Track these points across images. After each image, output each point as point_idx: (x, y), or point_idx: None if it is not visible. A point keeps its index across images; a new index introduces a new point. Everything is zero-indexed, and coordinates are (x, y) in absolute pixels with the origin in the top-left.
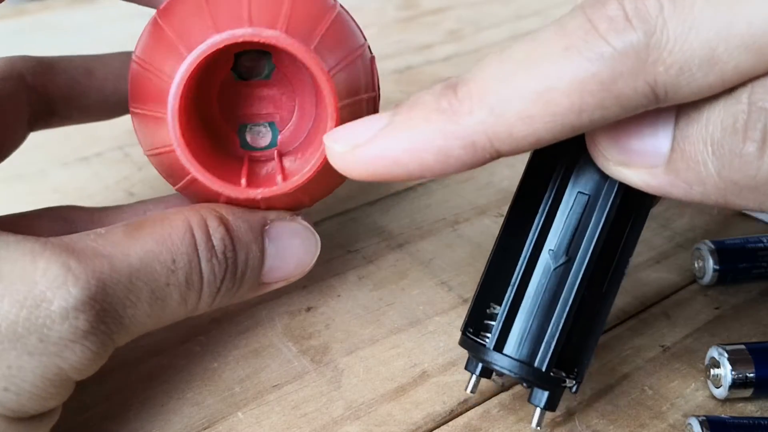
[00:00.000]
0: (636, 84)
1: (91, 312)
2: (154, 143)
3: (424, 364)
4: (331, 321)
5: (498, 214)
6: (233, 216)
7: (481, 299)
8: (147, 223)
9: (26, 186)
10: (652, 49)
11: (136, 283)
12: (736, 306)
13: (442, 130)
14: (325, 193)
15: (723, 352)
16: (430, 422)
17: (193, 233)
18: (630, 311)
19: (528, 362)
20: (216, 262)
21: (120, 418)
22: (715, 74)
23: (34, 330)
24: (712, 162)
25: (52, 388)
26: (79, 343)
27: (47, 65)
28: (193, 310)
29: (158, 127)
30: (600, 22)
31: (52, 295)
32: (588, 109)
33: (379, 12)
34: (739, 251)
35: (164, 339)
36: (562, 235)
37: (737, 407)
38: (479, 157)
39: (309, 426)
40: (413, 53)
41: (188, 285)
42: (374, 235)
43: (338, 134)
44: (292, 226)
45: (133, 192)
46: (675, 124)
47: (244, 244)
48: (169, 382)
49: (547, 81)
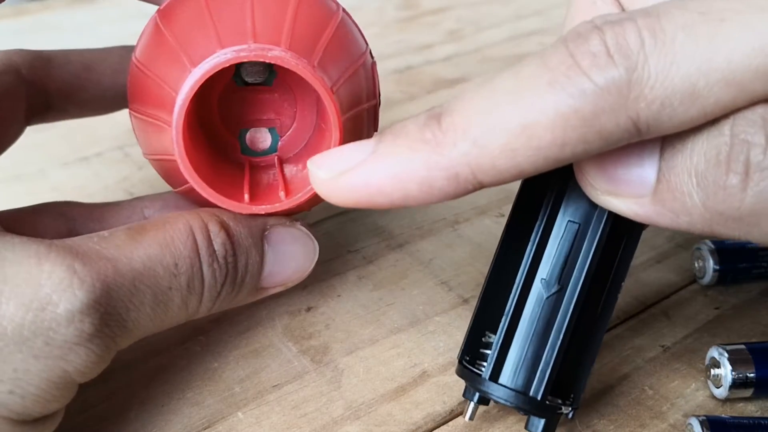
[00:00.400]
0: (618, 119)
1: (96, 315)
2: (154, 149)
3: (424, 364)
4: (331, 321)
5: (498, 214)
6: (234, 221)
7: (476, 328)
8: (150, 226)
9: (26, 186)
10: (633, 84)
11: (140, 287)
12: (736, 306)
13: (426, 161)
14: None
15: (723, 352)
16: (430, 422)
17: (194, 237)
18: (630, 311)
19: (523, 391)
20: (217, 267)
21: (120, 418)
22: (697, 108)
23: (39, 333)
24: (697, 193)
25: (56, 391)
26: (83, 346)
27: (44, 59)
28: (193, 314)
29: (159, 135)
30: (582, 57)
31: (58, 298)
32: (570, 143)
33: (379, 12)
34: (739, 251)
35: (164, 339)
36: (553, 263)
37: (737, 407)
38: (462, 188)
39: (309, 426)
40: (413, 53)
41: (190, 289)
42: (374, 235)
43: (322, 161)
44: (292, 232)
45: (133, 192)
46: (660, 154)
47: (244, 249)
48: (169, 382)
49: (530, 115)
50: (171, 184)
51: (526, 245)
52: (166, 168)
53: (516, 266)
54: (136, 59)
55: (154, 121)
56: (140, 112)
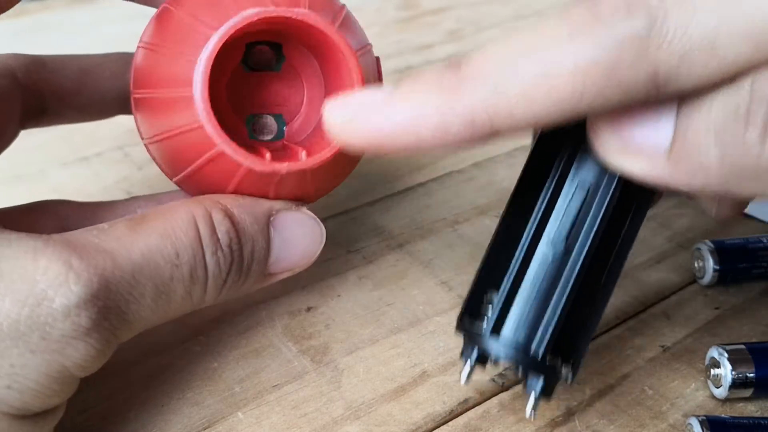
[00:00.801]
0: (637, 73)
1: (93, 309)
2: (166, 126)
3: (424, 364)
4: (331, 321)
5: (498, 214)
6: (238, 208)
7: (479, 286)
8: (150, 216)
9: (26, 186)
10: (653, 38)
11: (140, 279)
12: (736, 306)
13: (443, 106)
14: (332, 183)
15: (723, 352)
16: (430, 422)
17: (197, 226)
18: (630, 311)
19: (524, 348)
20: (221, 255)
21: (120, 418)
22: (716, 64)
23: (36, 328)
24: (715, 149)
25: (56, 386)
26: (81, 340)
27: (40, 63)
28: (198, 303)
29: (174, 109)
30: (603, 9)
31: (54, 293)
32: (588, 95)
33: (379, 12)
34: (739, 251)
35: (164, 339)
36: (561, 224)
37: (737, 407)
38: (477, 135)
39: (309, 426)
40: (413, 53)
41: (193, 279)
42: (374, 235)
43: (338, 104)
44: (298, 216)
45: (132, 192)
46: (677, 112)
47: (250, 236)
48: (169, 382)
49: (550, 65)
50: (179, 167)
51: (534, 204)
52: (178, 146)
53: (523, 225)
54: (144, 42)
55: (167, 96)
56: (149, 92)
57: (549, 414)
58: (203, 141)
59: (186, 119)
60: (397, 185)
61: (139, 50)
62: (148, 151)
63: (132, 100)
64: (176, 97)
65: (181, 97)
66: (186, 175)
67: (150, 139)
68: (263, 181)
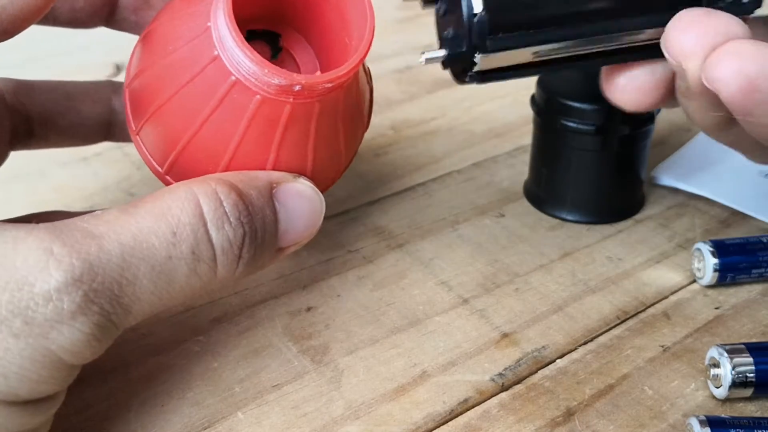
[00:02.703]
0: None
1: (76, 293)
2: (179, 77)
3: (424, 364)
4: (331, 321)
5: (498, 214)
6: (242, 182)
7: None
8: (145, 199)
9: (26, 186)
10: None
11: (131, 260)
12: (736, 306)
13: None
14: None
15: (723, 352)
16: (430, 422)
17: (198, 203)
18: (630, 311)
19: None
20: (230, 229)
21: (120, 418)
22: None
23: (18, 312)
24: None
25: (44, 371)
26: (66, 324)
27: (28, 86)
28: (210, 281)
29: (194, 48)
30: None
31: (34, 278)
32: None
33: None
34: (739, 251)
35: (164, 339)
36: None
37: (737, 407)
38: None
39: (309, 426)
40: (413, 53)
41: (196, 256)
42: (374, 235)
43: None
44: (298, 187)
45: (132, 192)
46: None
47: (259, 208)
48: (169, 382)
49: None
50: (179, 132)
51: None
52: (188, 95)
53: None
54: (148, 30)
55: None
56: (167, 51)
57: (549, 414)
58: (219, 73)
59: (205, 51)
60: (397, 185)
61: (143, 37)
62: (138, 142)
63: (128, 88)
64: (193, 38)
65: (200, 32)
66: (191, 135)
67: (154, 110)
68: (274, 110)
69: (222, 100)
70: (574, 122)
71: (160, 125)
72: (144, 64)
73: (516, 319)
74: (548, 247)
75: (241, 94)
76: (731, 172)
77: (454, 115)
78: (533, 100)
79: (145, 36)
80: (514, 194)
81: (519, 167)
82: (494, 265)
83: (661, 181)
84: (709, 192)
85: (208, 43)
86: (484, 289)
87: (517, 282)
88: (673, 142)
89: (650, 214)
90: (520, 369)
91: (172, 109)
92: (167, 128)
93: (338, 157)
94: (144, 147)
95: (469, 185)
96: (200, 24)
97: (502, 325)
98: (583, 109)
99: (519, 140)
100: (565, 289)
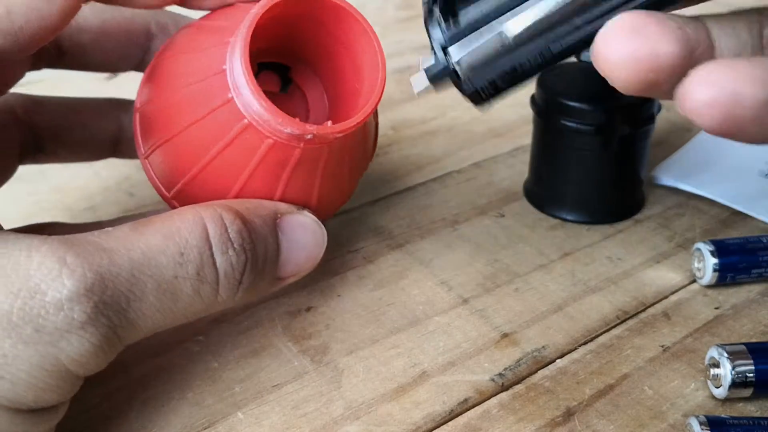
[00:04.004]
0: None
1: (87, 303)
2: (194, 112)
3: (424, 364)
4: (331, 321)
5: (498, 214)
6: (247, 211)
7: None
8: (155, 219)
9: (26, 186)
10: None
11: (139, 276)
12: (736, 306)
13: None
14: (338, 191)
15: (723, 352)
16: (430, 422)
17: (205, 227)
18: (630, 311)
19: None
20: (233, 254)
21: (120, 418)
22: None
23: (29, 320)
24: None
25: (51, 380)
26: (75, 333)
27: (37, 102)
28: (211, 304)
29: (209, 87)
30: None
31: (47, 287)
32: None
33: (379, 12)
34: (739, 251)
35: (164, 339)
36: None
37: (737, 407)
38: None
39: (309, 426)
40: (413, 53)
41: (200, 278)
42: (374, 235)
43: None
44: (302, 220)
45: (133, 192)
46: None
47: (262, 236)
48: (169, 382)
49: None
50: (189, 163)
51: None
52: (209, 126)
53: None
54: (163, 57)
55: (201, 81)
56: (182, 86)
57: (549, 414)
58: (232, 115)
59: (222, 91)
60: (397, 185)
61: (158, 61)
62: (146, 166)
63: (138, 111)
64: (210, 78)
65: (216, 73)
66: (200, 168)
67: (164, 139)
68: (284, 153)
69: (233, 140)
70: (574, 122)
71: (170, 155)
72: (157, 91)
73: (516, 319)
74: (548, 247)
75: (253, 136)
76: (731, 172)
77: (454, 115)
78: (533, 100)
79: (159, 62)
80: (514, 194)
81: (519, 167)
82: (494, 265)
83: (661, 181)
84: (709, 192)
85: (223, 84)
86: (484, 289)
87: (517, 282)
88: (673, 142)
89: (650, 214)
90: (520, 369)
91: (183, 141)
92: (177, 158)
93: (342, 190)
94: (152, 171)
95: (469, 185)
96: (216, 63)
97: (502, 325)
98: (583, 109)
99: (519, 140)
100: (565, 289)
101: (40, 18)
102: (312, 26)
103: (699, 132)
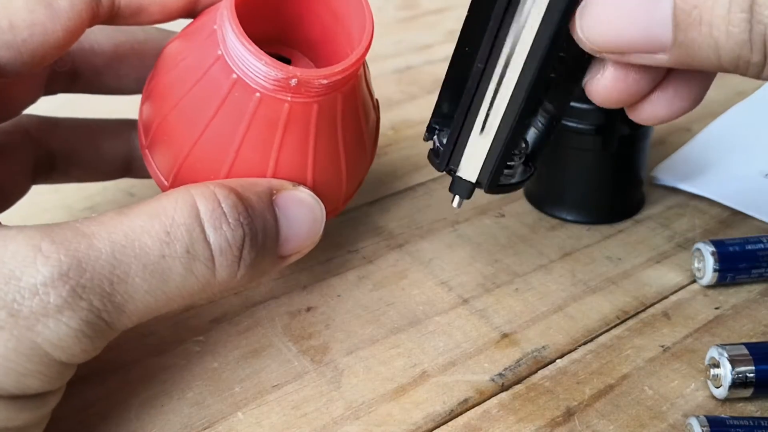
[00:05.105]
0: None
1: (63, 288)
2: (188, 79)
3: (424, 364)
4: (331, 321)
5: (498, 214)
6: (241, 187)
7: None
8: (141, 202)
9: None
10: None
11: (122, 258)
12: (736, 306)
13: None
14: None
15: (723, 352)
16: (430, 422)
17: (194, 204)
18: (630, 311)
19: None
20: (228, 229)
21: (120, 418)
22: None
23: (3, 305)
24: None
25: (30, 365)
26: (52, 317)
27: (51, 123)
28: (209, 283)
29: (200, 53)
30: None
31: (21, 273)
32: None
33: (379, 12)
34: (739, 251)
35: (164, 339)
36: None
37: (737, 407)
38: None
39: (309, 426)
40: (413, 53)
41: (191, 255)
42: (374, 235)
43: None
44: (298, 195)
45: (132, 192)
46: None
47: (259, 211)
48: (169, 382)
49: None
50: (189, 132)
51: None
52: (196, 95)
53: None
54: (163, 55)
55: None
56: (177, 63)
57: (549, 414)
58: (222, 73)
59: (209, 55)
60: (397, 185)
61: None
62: (148, 157)
63: (141, 105)
64: (201, 41)
65: (205, 36)
66: (193, 142)
67: (160, 120)
68: (274, 110)
69: (224, 100)
70: (574, 122)
71: (165, 134)
72: (155, 81)
73: (516, 319)
74: (548, 247)
75: (242, 93)
76: (731, 172)
77: None
78: None
79: (159, 58)
80: (514, 194)
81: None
82: (494, 265)
83: (661, 181)
84: (709, 192)
85: (213, 43)
86: (484, 289)
87: (517, 282)
88: (673, 142)
89: (650, 214)
90: (520, 369)
91: (178, 115)
92: (172, 137)
93: (339, 175)
94: (153, 161)
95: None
96: (207, 30)
97: (502, 325)
98: (583, 109)
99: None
100: (565, 289)
101: (44, 33)
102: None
103: (699, 132)
